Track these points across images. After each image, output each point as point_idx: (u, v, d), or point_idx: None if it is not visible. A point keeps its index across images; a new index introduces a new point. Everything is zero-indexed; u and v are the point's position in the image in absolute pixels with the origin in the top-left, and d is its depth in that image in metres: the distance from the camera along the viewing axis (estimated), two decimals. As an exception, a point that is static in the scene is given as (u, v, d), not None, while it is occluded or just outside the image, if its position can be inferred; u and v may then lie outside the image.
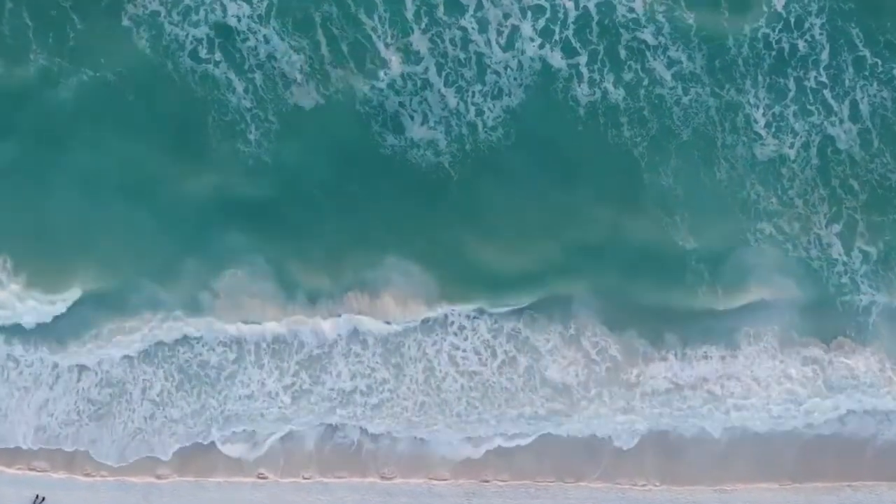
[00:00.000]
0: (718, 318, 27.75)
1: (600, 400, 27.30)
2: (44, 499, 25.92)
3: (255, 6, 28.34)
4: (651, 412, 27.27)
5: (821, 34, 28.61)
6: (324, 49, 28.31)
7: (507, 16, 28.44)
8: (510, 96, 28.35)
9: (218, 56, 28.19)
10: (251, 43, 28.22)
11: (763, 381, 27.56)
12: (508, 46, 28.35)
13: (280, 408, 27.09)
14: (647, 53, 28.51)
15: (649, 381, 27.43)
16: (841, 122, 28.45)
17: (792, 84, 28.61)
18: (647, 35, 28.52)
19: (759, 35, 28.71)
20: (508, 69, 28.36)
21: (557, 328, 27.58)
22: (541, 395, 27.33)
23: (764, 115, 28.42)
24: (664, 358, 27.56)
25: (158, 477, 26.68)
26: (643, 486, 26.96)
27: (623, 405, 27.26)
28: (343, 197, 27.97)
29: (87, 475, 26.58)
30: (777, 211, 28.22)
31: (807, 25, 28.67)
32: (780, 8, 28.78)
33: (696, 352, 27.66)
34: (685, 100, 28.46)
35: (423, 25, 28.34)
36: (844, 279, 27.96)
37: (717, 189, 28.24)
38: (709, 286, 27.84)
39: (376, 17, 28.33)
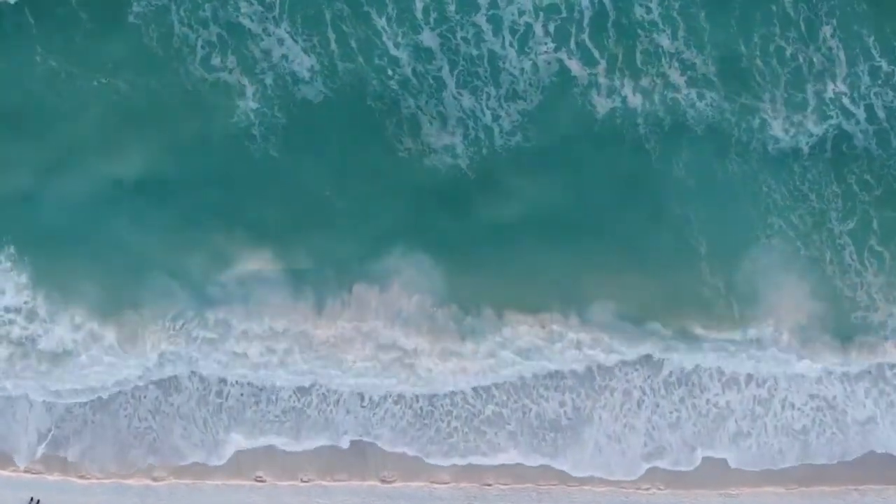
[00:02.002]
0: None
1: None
2: (38, 501, 25.65)
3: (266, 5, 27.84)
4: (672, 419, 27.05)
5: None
6: (333, 45, 27.68)
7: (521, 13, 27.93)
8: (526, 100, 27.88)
9: (231, 61, 27.71)
10: (264, 44, 27.73)
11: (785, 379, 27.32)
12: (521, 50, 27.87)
13: (289, 396, 26.77)
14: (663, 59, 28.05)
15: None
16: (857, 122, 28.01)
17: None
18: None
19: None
20: (524, 72, 27.84)
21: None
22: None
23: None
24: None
25: (154, 479, 26.34)
26: (647, 489, 26.77)
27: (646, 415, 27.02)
28: (351, 193, 27.55)
29: (83, 477, 26.25)
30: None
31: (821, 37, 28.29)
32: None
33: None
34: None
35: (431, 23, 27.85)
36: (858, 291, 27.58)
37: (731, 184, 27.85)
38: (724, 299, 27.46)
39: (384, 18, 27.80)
